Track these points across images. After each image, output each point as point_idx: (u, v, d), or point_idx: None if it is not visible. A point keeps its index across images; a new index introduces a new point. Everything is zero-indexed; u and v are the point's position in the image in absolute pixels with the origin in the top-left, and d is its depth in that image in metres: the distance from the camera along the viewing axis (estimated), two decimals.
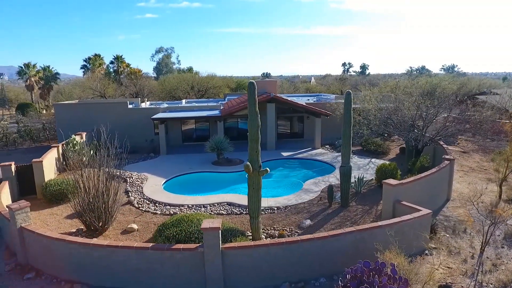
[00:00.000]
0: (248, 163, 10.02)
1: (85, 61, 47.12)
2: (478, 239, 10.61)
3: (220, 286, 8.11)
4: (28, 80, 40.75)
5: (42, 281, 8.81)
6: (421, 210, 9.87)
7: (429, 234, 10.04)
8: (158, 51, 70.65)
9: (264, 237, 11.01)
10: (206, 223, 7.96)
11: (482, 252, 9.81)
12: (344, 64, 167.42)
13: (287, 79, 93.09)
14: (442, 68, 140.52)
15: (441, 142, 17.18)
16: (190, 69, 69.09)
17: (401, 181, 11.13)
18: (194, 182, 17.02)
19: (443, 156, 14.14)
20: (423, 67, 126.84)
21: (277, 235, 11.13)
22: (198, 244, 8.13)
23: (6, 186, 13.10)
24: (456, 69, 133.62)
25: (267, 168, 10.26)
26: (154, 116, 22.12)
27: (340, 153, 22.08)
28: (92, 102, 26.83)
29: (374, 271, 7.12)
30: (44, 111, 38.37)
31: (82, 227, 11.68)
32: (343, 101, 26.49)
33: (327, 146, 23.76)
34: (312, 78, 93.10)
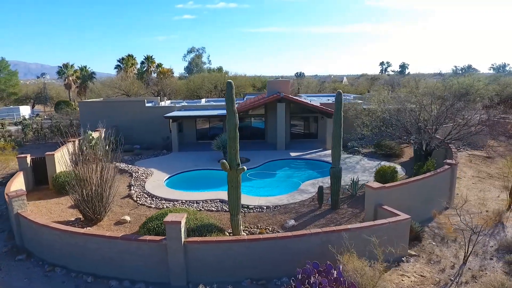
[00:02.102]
0: (224, 160, 10.26)
1: (118, 61, 49.81)
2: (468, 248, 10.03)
3: (182, 277, 8.43)
4: (66, 79, 43.93)
5: (30, 263, 9.67)
6: (399, 215, 9.53)
7: (408, 240, 9.66)
8: (190, 51, 72.80)
9: (245, 234, 11.19)
10: (169, 217, 8.33)
11: (465, 262, 9.29)
12: (382, 63, 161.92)
13: (318, 78, 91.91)
14: (491, 67, 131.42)
15: (451, 146, 16.25)
16: (220, 69, 70.41)
17: (384, 185, 10.78)
18: (195, 179, 17.54)
19: (444, 161, 13.44)
20: (469, 66, 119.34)
21: (257, 233, 11.26)
22: (163, 237, 8.50)
23: (20, 176, 14.35)
24: (508, 68, 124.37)
25: (244, 167, 10.42)
26: (167, 115, 22.99)
27: (349, 155, 21.74)
28: (113, 101, 28.40)
29: (324, 273, 7.09)
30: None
31: (80, 217, 12.55)
32: (360, 101, 25.85)
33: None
34: (344, 78, 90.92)
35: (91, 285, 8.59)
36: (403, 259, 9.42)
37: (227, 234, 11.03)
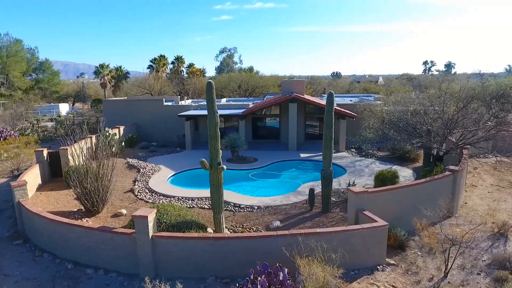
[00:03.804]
0: (203, 159, 10.46)
1: (151, 61, 52.07)
2: (456, 261, 9.38)
3: (151, 270, 8.74)
4: (102, 79, 46.78)
5: (24, 248, 10.54)
6: (377, 221, 9.14)
7: (385, 248, 9.23)
8: (222, 51, 74.03)
9: (228, 232, 11.31)
10: (139, 212, 8.68)
11: (446, 275, 8.71)
12: (425, 63, 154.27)
13: (353, 78, 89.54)
14: None
15: (465, 151, 15.18)
16: (250, 69, 70.85)
17: (366, 189, 10.37)
18: (198, 177, 17.85)
19: (446, 167, 12.62)
20: None
21: (240, 232, 11.32)
22: (133, 230, 8.86)
23: (36, 168, 15.59)
24: None
25: (224, 166, 10.54)
26: (181, 113, 23.67)
27: (362, 158, 21.03)
28: (133, 99, 29.77)
29: (274, 275, 7.04)
30: None
31: (82, 208, 13.38)
32: (379, 102, 24.88)
33: (353, 150, 22.63)
34: (380, 78, 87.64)
35: (70, 272, 9.18)
36: (378, 267, 9.03)
37: (211, 231, 11.23)
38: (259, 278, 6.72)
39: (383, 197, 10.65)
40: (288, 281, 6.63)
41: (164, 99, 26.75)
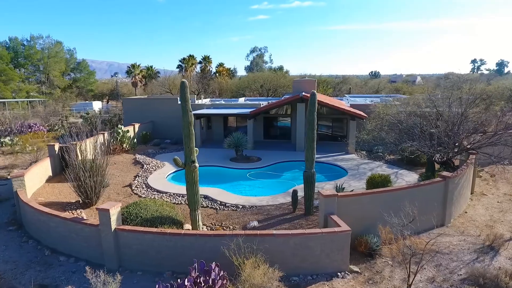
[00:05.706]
0: (176, 157, 10.70)
1: (180, 61, 53.74)
2: (428, 273, 8.83)
3: (114, 261, 9.14)
4: (133, 78, 49.16)
5: (16, 233, 11.45)
6: (340, 226, 8.83)
7: (348, 255, 8.87)
8: (252, 50, 74.63)
9: (206, 229, 11.49)
10: (103, 205, 9.10)
11: (409, 287, 8.20)
12: (473, 61, 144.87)
13: (392, 78, 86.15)
14: None
15: (471, 156, 14.08)
16: (280, 68, 70.70)
17: (336, 193, 10.00)
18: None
19: (438, 173, 11.81)
20: None
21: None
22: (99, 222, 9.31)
23: (47, 161, 16.80)
24: None
25: (196, 164, 10.69)
26: None
27: (369, 161, 20.23)
28: (150, 98, 30.91)
29: (207, 273, 7.09)
30: None
31: (80, 200, 14.24)
32: (398, 103, 23.78)
33: (364, 152, 21.85)
34: (418, 77, 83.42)
35: (46, 258, 9.85)
36: (339, 274, 8.71)
37: (190, 228, 11.47)
38: (189, 276, 6.80)
39: (357, 202, 10.24)
40: (220, 281, 6.65)
41: (178, 98, 27.50)
